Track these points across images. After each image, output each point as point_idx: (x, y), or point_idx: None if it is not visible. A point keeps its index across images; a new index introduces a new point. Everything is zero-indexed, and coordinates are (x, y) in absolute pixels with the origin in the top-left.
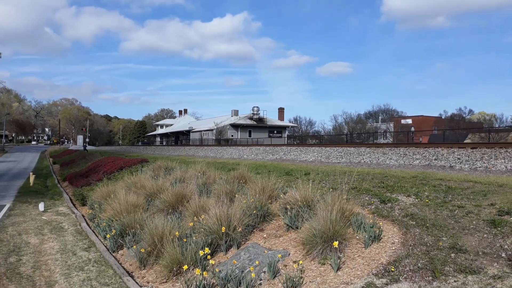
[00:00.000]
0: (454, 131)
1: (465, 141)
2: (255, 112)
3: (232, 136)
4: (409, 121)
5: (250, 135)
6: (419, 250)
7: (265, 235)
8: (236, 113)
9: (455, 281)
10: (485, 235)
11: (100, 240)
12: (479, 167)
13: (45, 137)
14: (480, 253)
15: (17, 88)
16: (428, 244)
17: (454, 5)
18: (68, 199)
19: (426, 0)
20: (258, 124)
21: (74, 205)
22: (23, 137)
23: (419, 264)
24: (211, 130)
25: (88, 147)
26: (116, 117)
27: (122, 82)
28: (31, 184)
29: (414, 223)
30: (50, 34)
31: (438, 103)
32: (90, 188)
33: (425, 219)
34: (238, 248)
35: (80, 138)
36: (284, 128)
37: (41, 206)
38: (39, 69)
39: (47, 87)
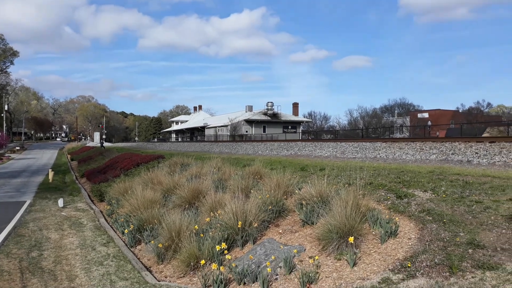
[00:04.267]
0: (472, 125)
1: (483, 135)
2: (269, 107)
3: (246, 132)
4: (426, 115)
5: (264, 131)
6: (436, 245)
7: (280, 231)
8: (250, 108)
9: (472, 277)
10: (503, 231)
11: (118, 235)
12: (497, 161)
13: (63, 134)
14: (499, 248)
15: (37, 86)
16: (445, 239)
17: None
18: (86, 195)
19: None
20: (273, 120)
21: (92, 201)
22: (42, 135)
23: (436, 260)
24: (226, 126)
25: (105, 144)
26: (132, 114)
27: (139, 79)
28: (50, 181)
29: (431, 218)
30: (70, 32)
31: (455, 96)
32: (107, 184)
33: (442, 214)
34: (254, 244)
35: (97, 135)
36: (298, 123)
37: (60, 202)
38: (58, 67)
39: (66, 84)
